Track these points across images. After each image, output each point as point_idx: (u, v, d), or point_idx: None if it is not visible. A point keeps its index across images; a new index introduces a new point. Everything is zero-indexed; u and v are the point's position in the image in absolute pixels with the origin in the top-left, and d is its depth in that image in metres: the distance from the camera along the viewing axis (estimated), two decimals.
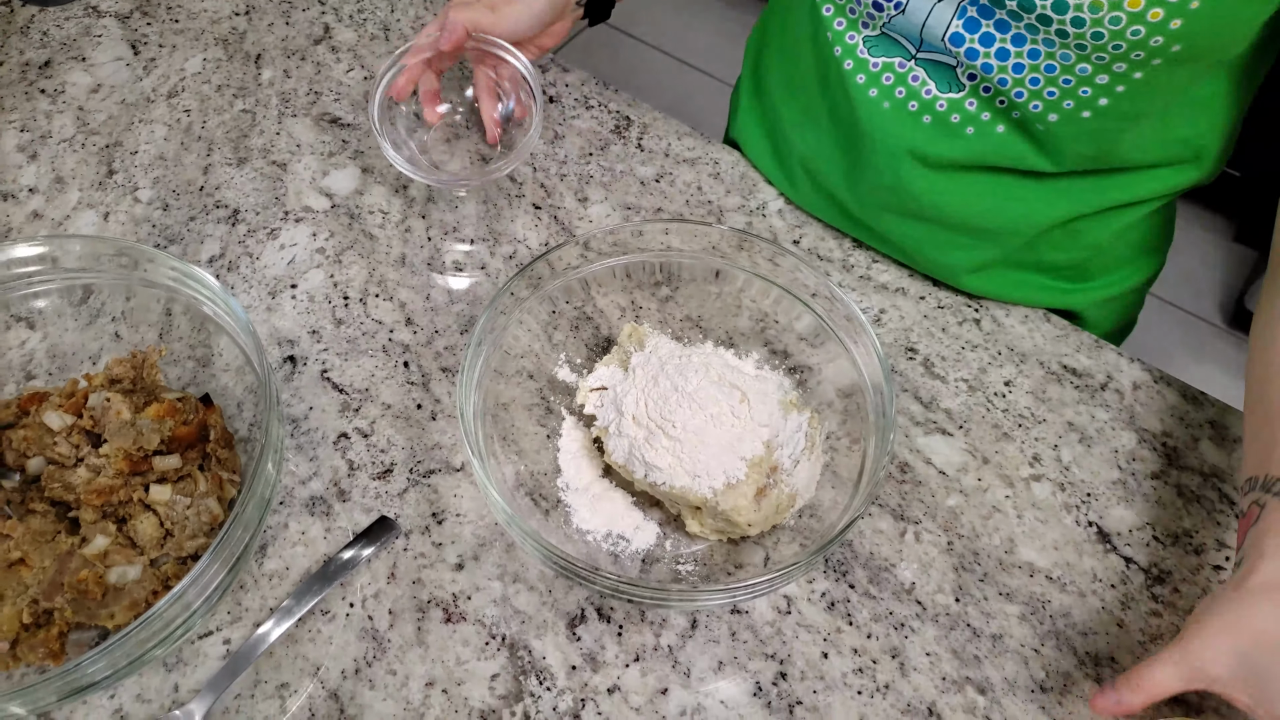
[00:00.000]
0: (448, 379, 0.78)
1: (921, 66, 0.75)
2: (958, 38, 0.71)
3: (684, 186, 0.91)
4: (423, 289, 0.83)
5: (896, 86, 0.77)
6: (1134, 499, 0.74)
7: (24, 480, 0.67)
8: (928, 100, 0.76)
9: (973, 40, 0.71)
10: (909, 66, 0.76)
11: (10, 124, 0.92)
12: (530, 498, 0.70)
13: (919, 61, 0.75)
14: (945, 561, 0.71)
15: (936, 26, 0.72)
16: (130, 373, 0.71)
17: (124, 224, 0.86)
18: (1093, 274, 0.86)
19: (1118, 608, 0.69)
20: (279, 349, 0.79)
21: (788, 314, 0.76)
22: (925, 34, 0.73)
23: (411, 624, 0.67)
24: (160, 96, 0.95)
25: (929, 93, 0.75)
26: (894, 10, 0.73)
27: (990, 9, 0.69)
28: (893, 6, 0.73)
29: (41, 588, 0.62)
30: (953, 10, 0.70)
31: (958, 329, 0.83)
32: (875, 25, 0.76)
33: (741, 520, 0.65)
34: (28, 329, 0.77)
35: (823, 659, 0.67)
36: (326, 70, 0.98)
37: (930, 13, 0.71)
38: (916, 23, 0.72)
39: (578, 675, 0.65)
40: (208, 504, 0.66)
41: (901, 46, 0.76)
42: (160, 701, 0.63)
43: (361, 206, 0.88)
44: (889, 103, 0.77)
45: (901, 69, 0.76)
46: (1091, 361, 0.81)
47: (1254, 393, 0.66)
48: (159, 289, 0.73)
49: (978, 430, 0.77)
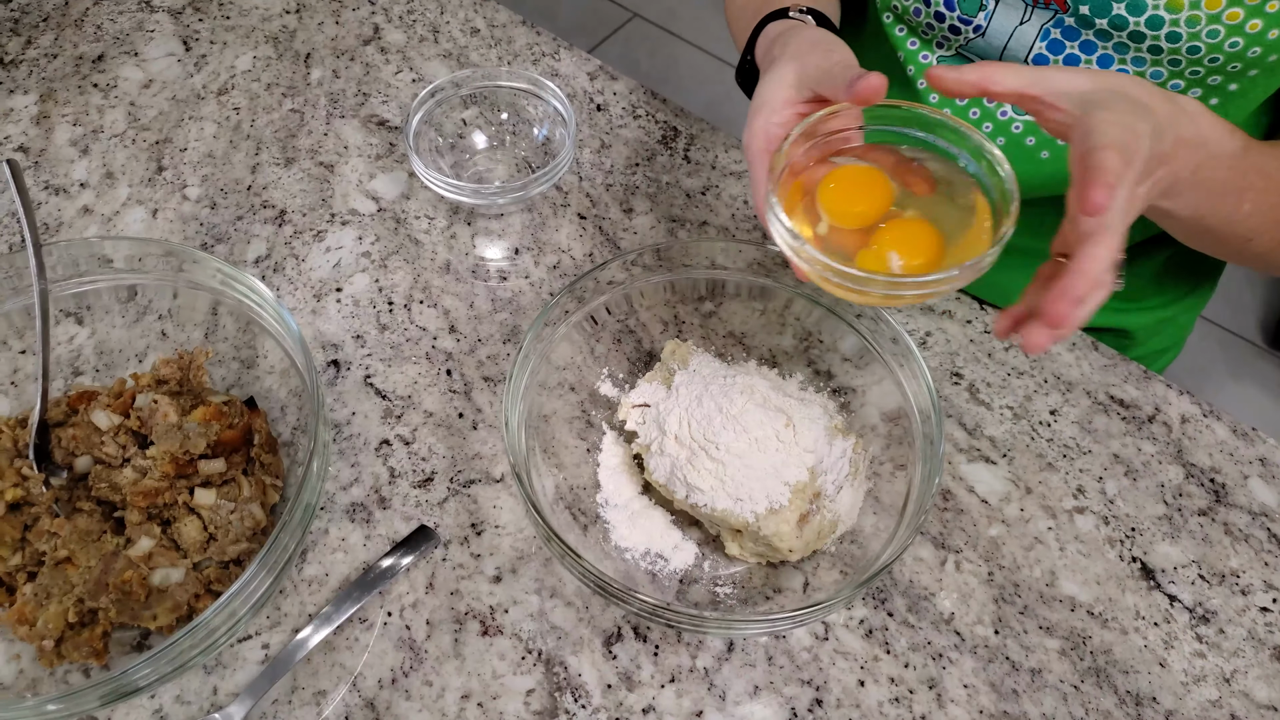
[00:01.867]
0: (489, 388, 0.78)
1: None
2: (1041, 59, 0.70)
3: (730, 200, 0.90)
4: (466, 297, 0.83)
5: (970, 108, 0.76)
6: (1180, 535, 0.73)
7: (72, 478, 0.67)
8: (1003, 122, 0.75)
9: (1057, 61, 0.70)
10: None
11: (64, 118, 0.93)
12: (569, 512, 0.70)
13: None
14: (985, 592, 0.70)
15: (1018, 49, 0.71)
16: (177, 373, 0.72)
17: (172, 221, 0.86)
18: (1147, 294, 0.85)
19: (1160, 647, 0.68)
20: (323, 353, 0.79)
21: (832, 334, 0.76)
22: (1006, 56, 0.72)
23: (449, 635, 0.67)
24: (210, 94, 0.96)
25: (1004, 115, 0.74)
26: (973, 33, 0.72)
27: (1076, 30, 0.68)
28: (971, 30, 0.72)
29: (87, 587, 0.62)
30: (1036, 32, 0.69)
31: (1004, 355, 0.82)
32: (951, 46, 0.75)
33: (783, 546, 0.64)
34: (76, 325, 0.77)
35: (859, 687, 0.66)
36: (375, 71, 0.98)
37: (1012, 35, 0.70)
38: (997, 45, 0.72)
39: (613, 694, 0.65)
40: (251, 509, 0.66)
41: None
42: (199, 704, 0.64)
43: (408, 211, 0.88)
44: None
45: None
46: (1139, 393, 0.80)
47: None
48: (208, 290, 0.73)
49: (1021, 459, 0.76)
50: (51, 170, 0.89)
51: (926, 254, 0.54)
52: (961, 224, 0.55)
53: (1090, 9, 0.65)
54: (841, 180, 0.56)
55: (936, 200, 0.56)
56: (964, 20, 0.72)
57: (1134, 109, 0.51)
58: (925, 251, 0.54)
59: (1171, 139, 0.53)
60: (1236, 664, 0.68)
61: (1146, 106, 0.52)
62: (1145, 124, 0.50)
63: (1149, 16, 0.63)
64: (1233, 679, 0.67)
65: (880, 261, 0.54)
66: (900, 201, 0.56)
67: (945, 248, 0.54)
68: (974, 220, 0.55)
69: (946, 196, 0.56)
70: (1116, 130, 0.49)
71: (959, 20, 0.72)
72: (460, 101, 0.89)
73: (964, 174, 0.56)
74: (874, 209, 0.55)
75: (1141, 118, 0.51)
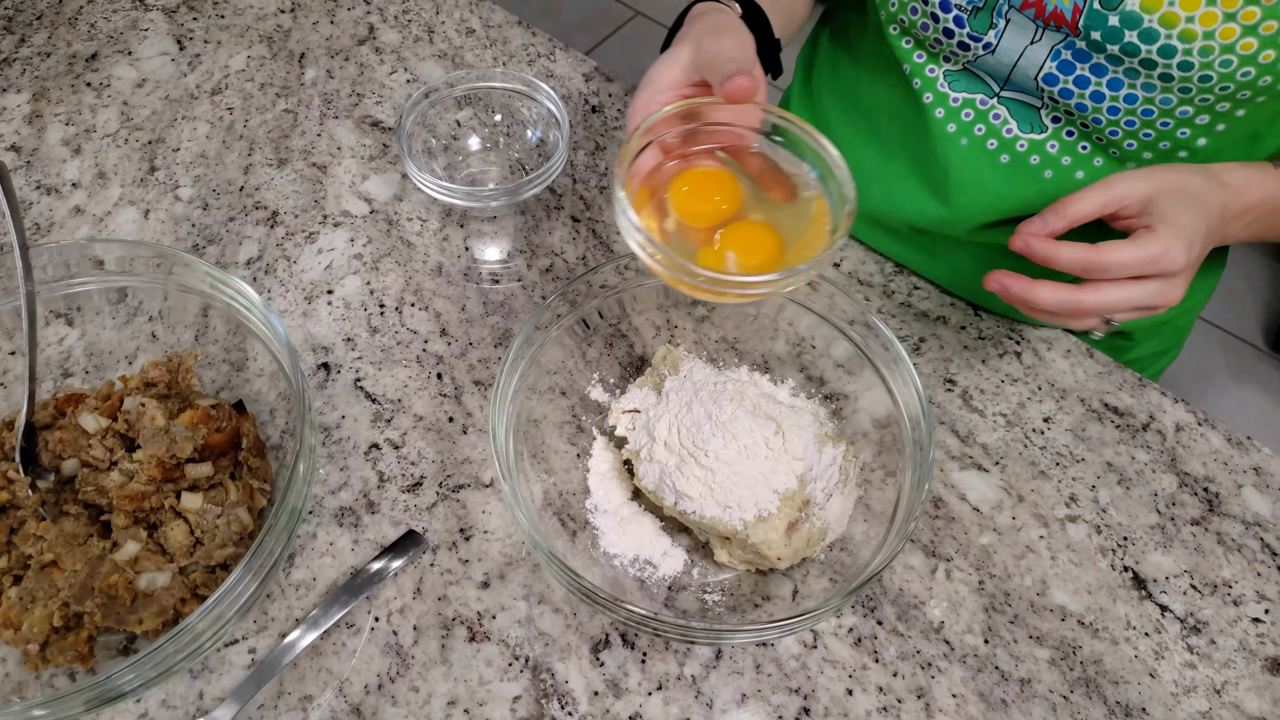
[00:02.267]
0: (480, 392, 0.78)
1: (1004, 105, 0.74)
2: (1051, 78, 0.70)
3: None
4: (458, 300, 0.82)
5: (976, 124, 0.75)
6: (1172, 545, 0.73)
7: (58, 481, 0.67)
8: (1008, 139, 0.74)
9: (1067, 81, 0.69)
10: (990, 104, 0.74)
11: (56, 116, 0.93)
12: (558, 518, 0.70)
13: (1002, 99, 0.74)
14: (975, 601, 0.70)
15: (1029, 67, 0.70)
16: (165, 376, 0.72)
17: (164, 222, 0.86)
18: None
19: (1151, 657, 0.68)
20: (313, 355, 0.79)
21: (825, 340, 0.75)
22: (1015, 74, 0.71)
23: (436, 641, 0.67)
24: (204, 93, 0.95)
25: (1009, 132, 0.74)
26: (982, 50, 0.71)
27: (1087, 53, 0.67)
28: (981, 47, 0.71)
29: (72, 591, 0.62)
30: (1046, 52, 0.69)
31: (998, 361, 0.81)
32: (958, 62, 0.74)
33: (771, 554, 0.64)
34: (66, 326, 0.77)
35: (847, 695, 0.66)
36: (370, 72, 0.98)
37: (1022, 54, 0.70)
38: (1007, 63, 0.71)
39: (600, 701, 0.65)
40: (238, 513, 0.66)
41: (984, 83, 0.74)
42: (185, 708, 0.64)
43: (400, 213, 0.87)
44: (967, 139, 0.76)
45: (983, 106, 0.75)
46: (1134, 400, 0.80)
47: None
48: (198, 294, 0.73)
49: (1014, 467, 0.76)
50: (44, 170, 0.89)
51: (762, 255, 0.57)
52: (804, 229, 0.59)
53: (1101, 35, 0.65)
54: (692, 181, 0.60)
55: (786, 206, 0.60)
56: (973, 38, 0.71)
57: (1190, 206, 0.62)
58: (762, 253, 0.57)
59: (1218, 217, 0.64)
60: (1227, 675, 0.67)
61: (1201, 202, 0.63)
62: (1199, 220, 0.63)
63: (1161, 45, 0.63)
64: (1223, 690, 0.67)
65: (719, 259, 0.57)
66: (749, 204, 0.59)
67: (783, 250, 0.58)
68: (814, 226, 0.59)
69: (798, 202, 0.60)
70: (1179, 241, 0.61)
71: (968, 37, 0.72)
72: (454, 102, 0.89)
73: (814, 181, 0.60)
74: (720, 210, 0.59)
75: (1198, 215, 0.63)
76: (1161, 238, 0.61)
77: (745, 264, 0.57)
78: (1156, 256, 0.61)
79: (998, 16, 0.69)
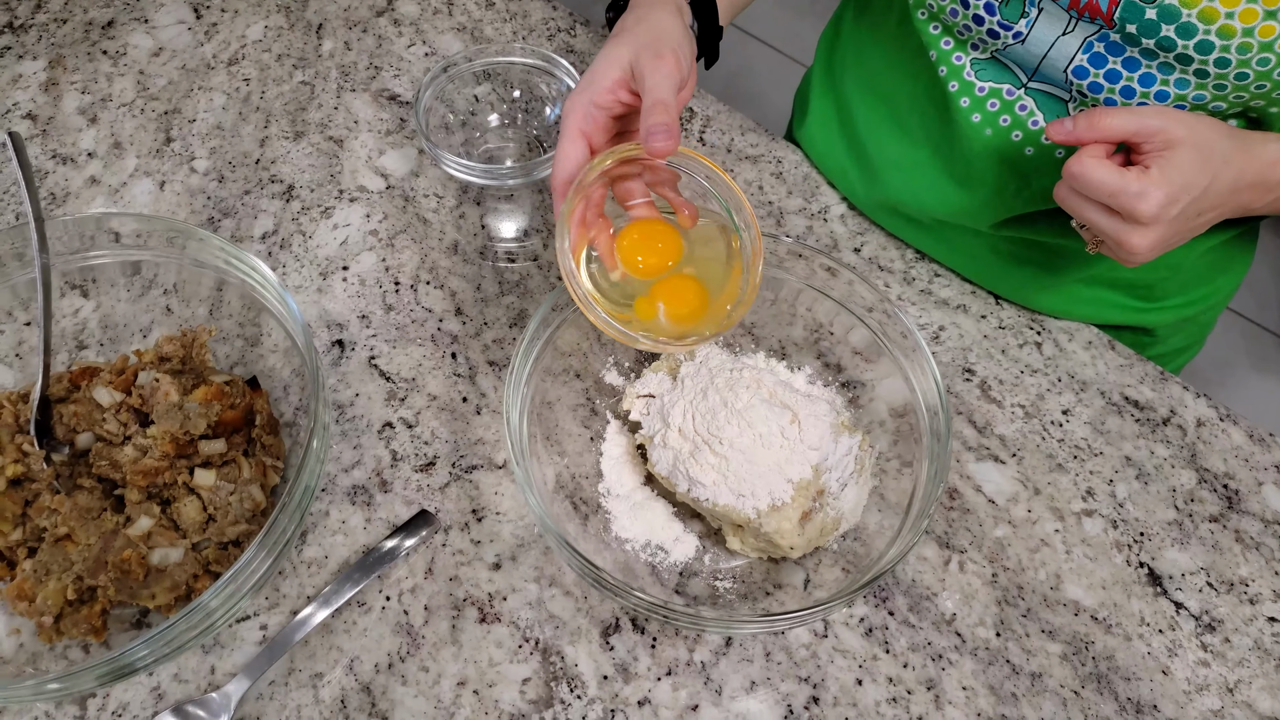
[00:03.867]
0: (494, 373, 0.77)
1: (1031, 96, 0.72)
2: (1081, 70, 0.68)
3: (745, 185, 0.89)
4: (474, 278, 0.82)
5: (1002, 114, 0.74)
6: (1189, 542, 0.72)
7: (72, 455, 0.67)
8: (1033, 132, 0.73)
9: (1097, 75, 0.68)
10: (1017, 95, 0.73)
11: (72, 85, 0.92)
12: (570, 501, 0.70)
13: (1029, 91, 0.72)
14: (988, 594, 0.69)
15: (1059, 59, 0.69)
16: (180, 351, 0.72)
17: (179, 194, 0.85)
18: (1169, 293, 0.83)
19: (1164, 654, 0.67)
20: (328, 332, 0.78)
21: (843, 326, 0.74)
22: (1045, 65, 0.70)
23: (446, 621, 0.67)
24: (220, 64, 0.94)
25: (1035, 124, 0.73)
26: (1011, 39, 0.70)
27: (1120, 45, 0.66)
28: (1010, 35, 0.70)
29: (86, 565, 0.62)
30: (1078, 44, 0.67)
31: (1018, 351, 0.80)
32: (986, 50, 0.73)
33: (784, 543, 0.64)
34: (82, 297, 0.77)
35: (856, 685, 0.66)
36: (388, 44, 0.97)
37: (1053, 45, 0.68)
38: (1036, 53, 0.70)
39: (609, 685, 0.65)
40: (250, 491, 0.66)
41: (1012, 74, 0.73)
42: (197, 683, 0.64)
43: (416, 189, 0.87)
44: (991, 130, 0.74)
45: (1009, 97, 0.73)
46: (1155, 394, 0.79)
47: None
48: (212, 269, 0.73)
49: (1031, 459, 0.75)
50: (59, 139, 0.88)
51: (689, 307, 0.64)
52: (726, 274, 0.65)
53: (1138, 28, 0.63)
54: (636, 233, 0.65)
55: (712, 254, 0.66)
56: (1003, 25, 0.70)
57: (1202, 169, 0.61)
58: (689, 305, 0.64)
59: (1228, 187, 0.62)
60: (1241, 674, 0.67)
61: (1215, 169, 0.61)
62: (1202, 181, 0.61)
63: (1199, 40, 0.61)
64: (1236, 689, 0.66)
65: (651, 309, 0.64)
66: (687, 255, 0.66)
67: (708, 299, 0.64)
68: (734, 268, 0.65)
69: (721, 248, 0.66)
70: (1173, 179, 0.60)
71: (998, 25, 0.70)
72: (473, 77, 0.88)
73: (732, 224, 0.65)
74: (664, 264, 0.65)
75: (1201, 179, 0.61)
76: (1146, 180, 0.60)
77: (674, 314, 0.64)
78: (1129, 194, 0.60)
79: (1030, 5, 0.68)
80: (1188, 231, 0.64)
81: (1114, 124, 0.61)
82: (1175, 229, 0.62)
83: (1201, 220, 0.64)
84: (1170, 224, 0.62)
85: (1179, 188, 0.60)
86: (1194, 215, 0.63)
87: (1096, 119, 0.61)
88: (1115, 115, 0.61)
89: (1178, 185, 0.60)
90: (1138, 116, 0.61)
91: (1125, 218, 0.61)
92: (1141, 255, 0.63)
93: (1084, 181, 0.61)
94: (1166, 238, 0.62)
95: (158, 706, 0.63)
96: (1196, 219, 0.63)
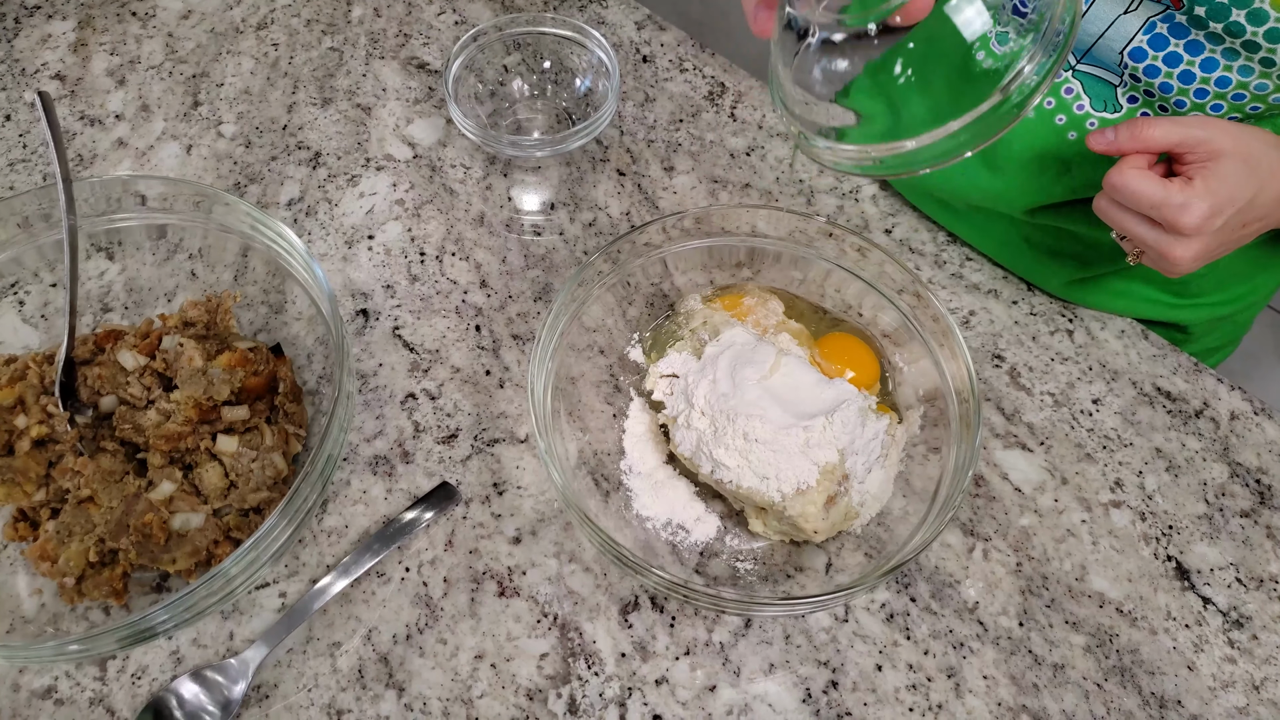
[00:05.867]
0: (518, 347, 0.77)
1: (1079, 79, 0.71)
2: (1139, 53, 0.66)
3: (775, 162, 0.87)
4: (499, 251, 0.81)
5: (1049, 97, 0.72)
6: (1219, 536, 0.71)
7: (96, 417, 0.67)
8: (1078, 116, 0.71)
9: (1156, 58, 0.66)
10: (1065, 77, 0.71)
11: (101, 46, 0.91)
12: (592, 478, 0.69)
13: (1077, 73, 0.70)
14: (1012, 583, 0.68)
15: (1116, 39, 0.67)
16: (204, 316, 0.71)
17: (206, 159, 0.85)
18: (1204, 290, 0.81)
19: (1190, 649, 0.66)
20: (352, 301, 0.78)
21: (872, 308, 0.73)
22: (1099, 46, 0.68)
23: (465, 594, 0.67)
24: (249, 28, 0.94)
25: (1081, 108, 0.71)
26: None
27: (1185, 28, 0.64)
28: None
29: (108, 528, 0.62)
30: (1140, 24, 0.65)
31: (1049, 339, 0.79)
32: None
33: (808, 527, 0.63)
34: (107, 260, 0.77)
35: (876, 671, 0.65)
36: (418, 11, 0.96)
37: (1112, 24, 0.66)
38: (1092, 32, 0.67)
39: (627, 663, 0.65)
40: (273, 458, 0.66)
41: None
42: (215, 648, 0.64)
43: (444, 159, 0.86)
44: (1034, 111, 0.73)
45: (1056, 79, 0.71)
46: (1188, 385, 0.77)
47: None
48: (238, 234, 0.72)
49: (1059, 448, 0.74)
50: (87, 100, 0.88)
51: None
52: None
53: (1206, 11, 0.61)
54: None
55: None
56: None
57: (1248, 181, 0.60)
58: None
59: (1275, 200, 0.62)
60: (1268, 671, 0.66)
61: (1263, 180, 0.60)
62: (1247, 193, 0.60)
63: (1269, 28, 0.59)
64: (1262, 686, 0.65)
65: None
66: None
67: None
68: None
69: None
70: (1216, 190, 0.59)
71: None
72: (503, 47, 0.86)
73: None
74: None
75: (1247, 191, 0.60)
76: (1190, 191, 0.59)
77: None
78: (1172, 205, 0.59)
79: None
80: (1233, 242, 0.63)
81: (1157, 134, 0.60)
82: (1219, 240, 0.61)
83: (1246, 231, 0.63)
84: (1214, 235, 0.61)
85: (1224, 199, 0.59)
86: (1238, 226, 0.62)
87: (1139, 129, 0.61)
88: (1159, 125, 0.60)
89: (1222, 197, 0.59)
90: (1182, 126, 0.60)
91: (1168, 229, 0.61)
92: (1185, 266, 0.62)
93: (1126, 193, 0.60)
94: (1210, 249, 0.62)
95: (176, 670, 0.63)
96: (1241, 230, 0.62)
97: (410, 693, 0.63)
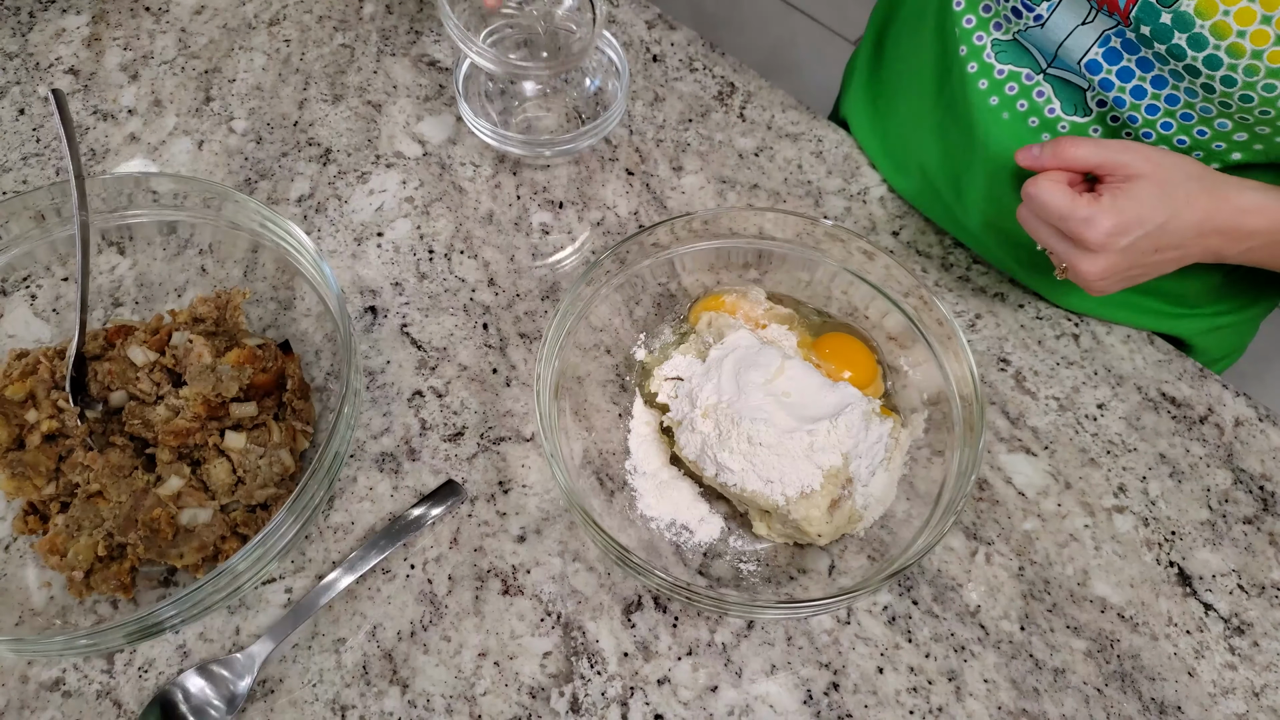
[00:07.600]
0: (525, 345, 0.77)
1: (1050, 83, 0.71)
2: (1094, 65, 0.67)
3: (784, 163, 0.87)
4: (507, 249, 0.81)
5: (1019, 99, 0.72)
6: (1222, 542, 0.71)
7: (106, 412, 0.68)
8: (1050, 119, 0.71)
9: (1110, 71, 0.66)
10: (1036, 80, 0.71)
11: (115, 41, 0.92)
12: (596, 477, 0.70)
13: (1048, 77, 0.71)
14: (1014, 587, 0.69)
15: (1074, 49, 0.67)
16: (214, 312, 0.72)
17: (217, 154, 0.85)
18: (1204, 302, 0.81)
19: (1191, 655, 0.67)
20: (361, 298, 0.78)
21: (878, 311, 0.74)
22: (1061, 53, 0.68)
23: (470, 592, 0.67)
24: (261, 23, 0.94)
25: (1052, 111, 0.71)
26: (1032, 21, 0.68)
27: (1135, 45, 0.64)
28: (1031, 18, 0.68)
29: (117, 522, 0.63)
30: (1094, 37, 0.66)
31: (1055, 343, 0.79)
32: (1009, 30, 0.71)
33: (812, 530, 0.63)
34: (118, 255, 0.77)
35: (877, 674, 0.65)
36: (429, 8, 0.96)
37: (1071, 34, 0.67)
38: (1054, 39, 0.68)
39: (629, 663, 0.65)
40: (280, 455, 0.67)
41: (1032, 58, 0.71)
42: (222, 642, 0.65)
43: (453, 157, 0.86)
44: (1009, 114, 0.73)
45: (1028, 81, 0.72)
46: (1193, 391, 0.77)
47: None
48: (248, 231, 0.73)
49: (1063, 453, 0.74)
50: (100, 95, 0.88)
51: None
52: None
53: (1151, 30, 0.62)
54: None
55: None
56: (1026, 6, 0.69)
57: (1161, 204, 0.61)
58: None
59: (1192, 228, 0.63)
60: (1269, 678, 0.66)
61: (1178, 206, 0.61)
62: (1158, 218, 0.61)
63: (1207, 55, 0.60)
64: (1263, 693, 0.66)
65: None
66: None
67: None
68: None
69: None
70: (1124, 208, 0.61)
71: (1022, 4, 0.69)
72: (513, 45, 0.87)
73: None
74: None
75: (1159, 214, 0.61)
76: (1095, 207, 0.61)
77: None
78: (1076, 218, 0.61)
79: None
80: (1148, 266, 0.65)
81: (1078, 154, 0.63)
82: (1130, 261, 0.63)
83: (1161, 258, 0.64)
84: (1122, 254, 0.62)
85: (1131, 219, 0.61)
86: (1150, 250, 0.63)
87: (1062, 148, 0.63)
88: (1081, 145, 0.63)
89: (1129, 216, 0.61)
90: (1103, 149, 0.62)
91: (1075, 243, 0.63)
92: (1096, 283, 0.64)
93: (1037, 203, 0.63)
94: (1119, 268, 0.63)
95: (183, 664, 0.64)
96: (1154, 255, 0.63)
97: (414, 689, 0.64)
